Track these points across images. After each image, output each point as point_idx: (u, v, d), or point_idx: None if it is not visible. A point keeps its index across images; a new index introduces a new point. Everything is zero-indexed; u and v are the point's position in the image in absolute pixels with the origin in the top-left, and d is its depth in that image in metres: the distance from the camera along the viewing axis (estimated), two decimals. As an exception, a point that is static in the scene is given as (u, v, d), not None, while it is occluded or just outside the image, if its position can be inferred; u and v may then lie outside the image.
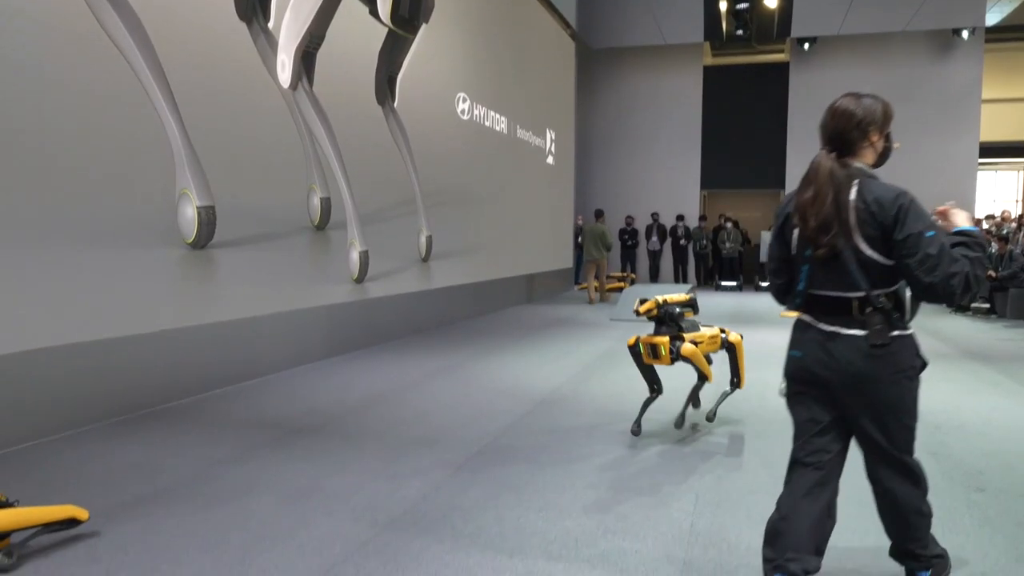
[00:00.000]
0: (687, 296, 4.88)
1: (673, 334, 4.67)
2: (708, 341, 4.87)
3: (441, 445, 4.62)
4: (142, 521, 3.42)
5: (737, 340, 5.08)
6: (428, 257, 10.22)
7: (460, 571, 2.88)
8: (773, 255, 2.67)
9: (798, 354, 2.56)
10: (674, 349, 4.58)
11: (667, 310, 4.65)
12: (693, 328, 4.80)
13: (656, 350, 4.65)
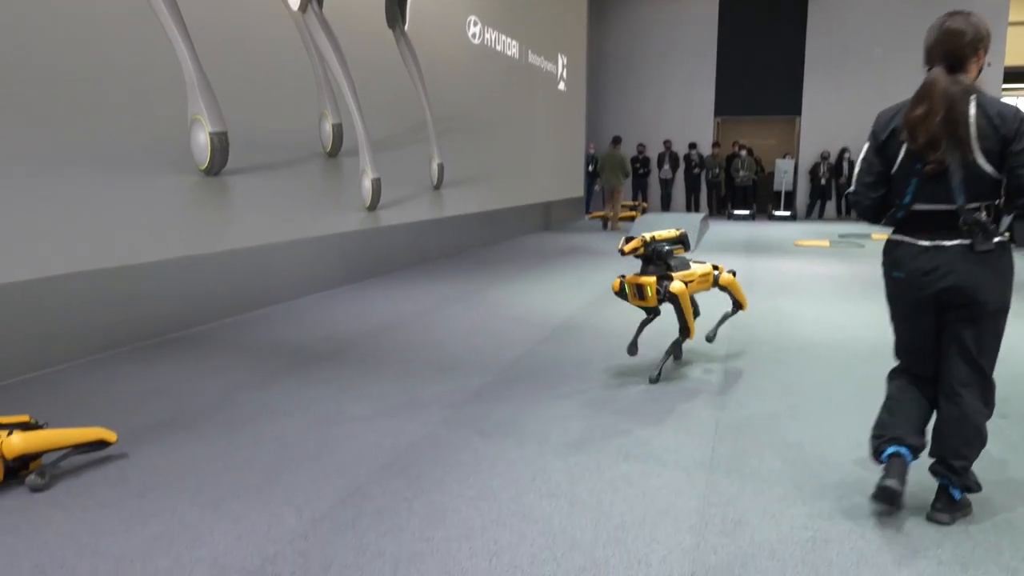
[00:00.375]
0: (676, 232, 4.58)
1: (661, 273, 4.38)
2: (699, 279, 4.60)
3: (458, 371, 4.64)
4: (168, 443, 3.46)
5: (730, 280, 4.82)
6: (440, 185, 10.12)
7: (483, 492, 2.91)
8: (872, 170, 2.72)
9: (899, 274, 2.70)
10: (661, 290, 4.33)
11: (655, 248, 4.33)
12: (683, 266, 4.51)
13: (642, 291, 4.37)
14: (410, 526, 2.64)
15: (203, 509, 2.79)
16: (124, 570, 2.37)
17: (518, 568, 2.36)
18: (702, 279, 4.62)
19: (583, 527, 2.63)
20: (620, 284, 4.44)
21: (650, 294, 4.33)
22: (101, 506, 2.83)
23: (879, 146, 2.69)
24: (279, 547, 2.50)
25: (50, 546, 2.53)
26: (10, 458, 2.95)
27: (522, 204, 13.50)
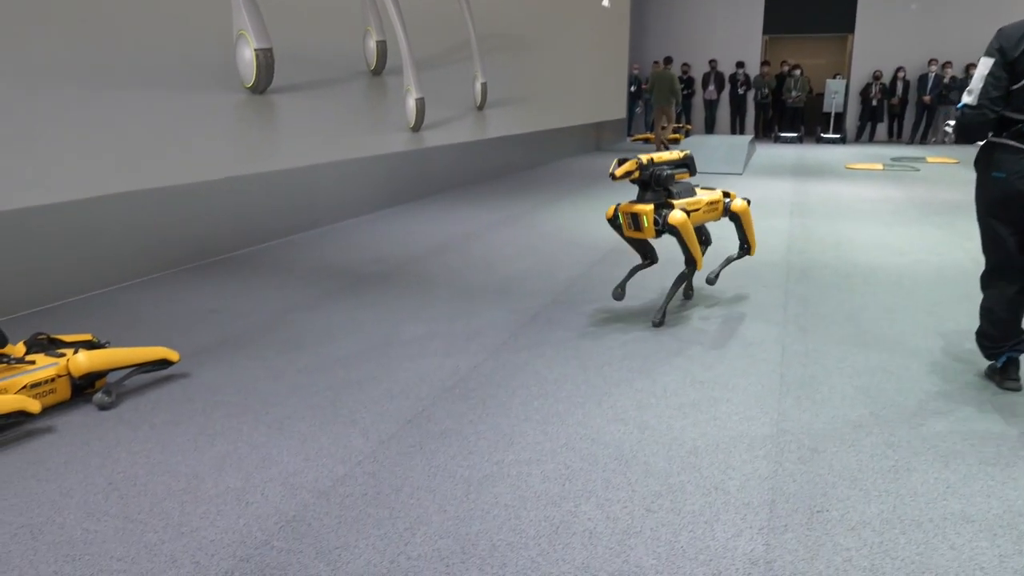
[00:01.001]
0: (680, 154, 4.08)
1: (660, 201, 3.87)
2: (706, 208, 4.04)
3: (512, 294, 4.57)
4: (228, 363, 3.45)
5: (743, 208, 4.20)
6: (483, 105, 9.90)
7: (549, 416, 2.86)
8: (999, 85, 2.82)
9: (1001, 175, 2.88)
10: (659, 219, 3.79)
11: (653, 172, 3.81)
12: (687, 193, 4.00)
13: (638, 220, 3.85)
14: (479, 449, 2.61)
15: (269, 429, 2.78)
16: (196, 488, 2.37)
17: (592, 493, 2.32)
18: (709, 208, 4.07)
19: (655, 452, 2.57)
20: (615, 212, 3.94)
21: (647, 224, 3.81)
22: (168, 424, 2.83)
23: (1009, 63, 2.80)
24: (348, 468, 2.48)
25: (121, 463, 2.54)
26: (77, 376, 2.96)
27: (565, 126, 13.20)
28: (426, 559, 2.00)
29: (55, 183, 4.37)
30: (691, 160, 4.11)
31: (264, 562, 1.99)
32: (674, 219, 3.76)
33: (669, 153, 4.00)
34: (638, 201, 3.89)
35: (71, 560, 2.01)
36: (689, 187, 4.05)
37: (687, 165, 4.09)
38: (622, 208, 3.90)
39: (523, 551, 2.03)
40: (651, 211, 3.80)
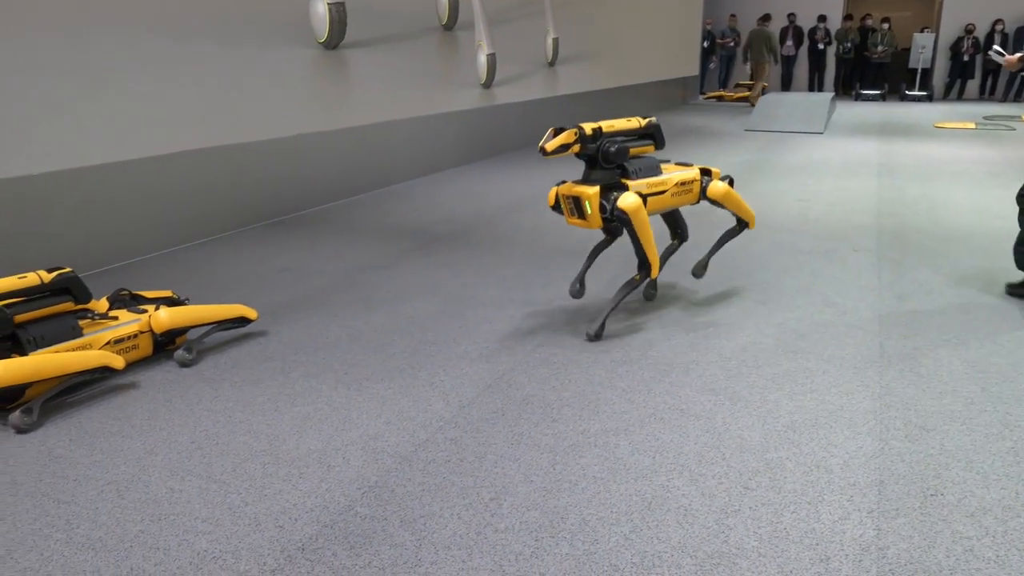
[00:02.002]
0: (643, 122, 3.27)
1: (610, 181, 3.09)
2: (675, 190, 3.25)
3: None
4: (304, 322, 3.42)
5: (723, 191, 3.38)
6: (555, 61, 9.66)
7: (635, 384, 2.74)
8: None
9: None
10: (607, 205, 3.03)
11: (601, 145, 3.02)
12: (649, 171, 3.20)
13: (579, 206, 3.08)
14: (563, 417, 2.51)
15: (348, 390, 2.73)
16: (278, 449, 2.33)
17: (684, 467, 2.20)
18: (680, 189, 3.28)
19: (749, 426, 2.44)
20: (555, 198, 3.19)
21: (590, 211, 3.04)
22: (248, 383, 2.81)
23: None
24: (429, 433, 2.42)
25: (203, 422, 2.52)
26: (159, 332, 2.96)
27: (636, 82, 12.85)
28: (514, 532, 1.92)
29: (130, 141, 4.38)
30: (656, 130, 3.33)
31: (348, 529, 1.94)
32: (624, 204, 2.98)
33: (627, 120, 3.22)
34: (583, 181, 3.10)
35: (157, 519, 1.99)
36: (652, 164, 3.24)
37: (652, 136, 3.32)
38: (561, 190, 3.12)
39: (615, 527, 1.93)
40: (596, 194, 3.01)
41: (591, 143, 3.01)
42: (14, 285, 2.62)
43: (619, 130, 3.15)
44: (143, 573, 1.79)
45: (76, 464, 2.27)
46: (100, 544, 1.90)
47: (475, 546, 1.87)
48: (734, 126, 11.45)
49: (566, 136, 2.92)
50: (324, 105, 5.84)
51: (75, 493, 2.12)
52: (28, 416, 2.47)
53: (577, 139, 2.94)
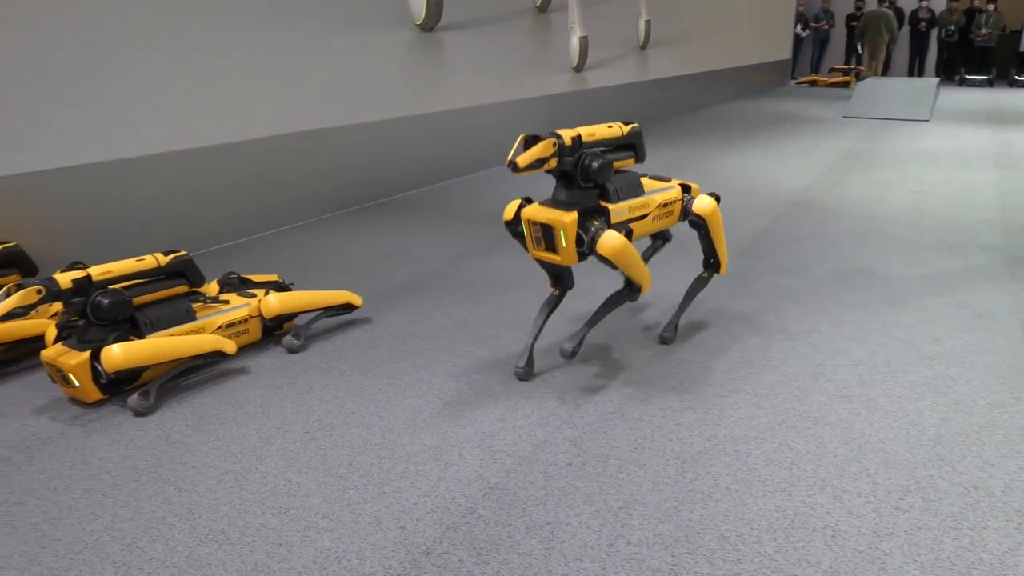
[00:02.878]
0: (625, 129, 2.65)
1: (588, 206, 2.48)
2: (657, 213, 2.71)
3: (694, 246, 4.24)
4: (409, 310, 3.37)
5: (709, 208, 2.81)
6: (646, 44, 9.42)
7: (760, 388, 2.59)
8: None
9: None
10: (585, 236, 2.42)
11: (582, 158, 2.42)
12: (631, 190, 2.62)
13: (550, 236, 2.45)
14: (686, 421, 2.38)
15: (458, 383, 2.66)
16: (392, 444, 2.27)
17: (826, 482, 2.05)
18: (662, 212, 2.74)
19: (892, 439, 2.26)
20: (515, 214, 2.56)
21: (565, 244, 2.42)
22: (357, 372, 2.77)
23: None
24: (548, 433, 2.32)
25: (316, 411, 2.48)
26: (268, 318, 2.94)
27: (728, 67, 12.47)
28: (648, 545, 1.80)
29: (232, 124, 4.40)
30: (639, 138, 2.72)
31: (473, 533, 1.86)
32: (605, 246, 2.39)
33: (608, 127, 2.58)
34: (556, 203, 2.47)
35: (277, 513, 1.95)
36: (634, 181, 2.66)
37: (633, 147, 2.72)
38: (526, 213, 2.49)
39: (757, 546, 1.80)
40: (574, 223, 2.40)
41: (569, 156, 2.39)
42: (132, 268, 2.63)
43: (600, 139, 2.53)
44: (267, 569, 1.74)
45: (194, 451, 2.26)
46: (223, 537, 1.86)
47: (608, 559, 1.76)
48: (831, 113, 10.99)
49: (543, 148, 2.30)
50: (419, 88, 5.79)
51: (195, 481, 2.10)
52: (146, 399, 2.47)
53: (555, 152, 2.33)
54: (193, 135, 4.17)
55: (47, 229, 3.56)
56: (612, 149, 2.62)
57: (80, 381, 2.45)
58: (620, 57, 8.84)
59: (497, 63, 6.67)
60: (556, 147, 2.33)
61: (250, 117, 4.47)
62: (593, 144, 2.49)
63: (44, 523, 1.93)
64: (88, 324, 2.51)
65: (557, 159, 2.36)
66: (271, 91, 4.58)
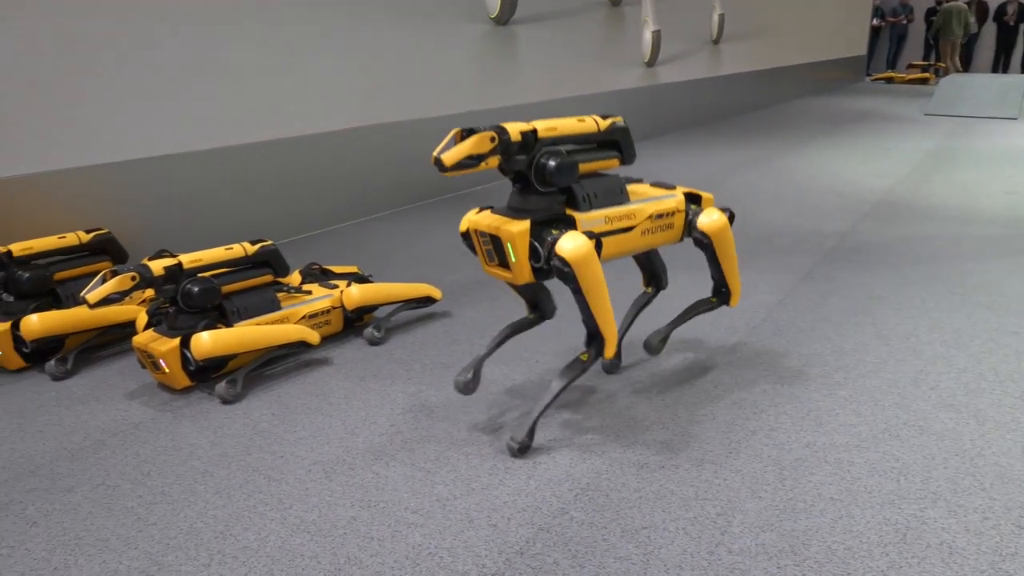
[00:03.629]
0: (603, 122, 2.21)
1: (547, 214, 2.07)
2: (647, 226, 2.23)
3: (774, 246, 4.14)
4: (487, 304, 3.34)
5: (718, 226, 2.33)
6: (719, 39, 9.23)
7: (857, 393, 2.48)
8: None
9: None
10: (542, 249, 2.01)
11: (536, 158, 2.02)
12: (611, 197, 2.17)
13: (500, 248, 2.07)
14: (781, 426, 2.29)
15: (542, 381, 2.61)
16: (478, 439, 2.24)
17: (938, 496, 1.94)
18: (655, 224, 2.25)
19: (1007, 452, 2.13)
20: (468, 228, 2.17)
21: (515, 258, 2.03)
22: (439, 366, 2.74)
23: None
24: (636, 434, 2.25)
25: (399, 404, 2.46)
26: (350, 309, 2.93)
27: (802, 62, 12.16)
28: (751, 555, 1.73)
29: (309, 116, 4.43)
30: (623, 133, 2.26)
31: (566, 535, 1.81)
32: (564, 249, 1.96)
33: (578, 120, 2.17)
34: (508, 209, 2.10)
35: (367, 506, 1.93)
36: (613, 186, 2.20)
37: (616, 145, 2.27)
38: (474, 223, 2.12)
39: (868, 560, 1.71)
40: (523, 233, 2.00)
41: (520, 154, 2.00)
42: (221, 256, 2.65)
43: (565, 135, 2.10)
44: (360, 563, 1.72)
45: (281, 440, 2.26)
46: (314, 528, 1.85)
47: (709, 568, 1.69)
48: (911, 110, 10.62)
49: (475, 142, 1.90)
50: (493, 82, 5.76)
51: (283, 471, 2.09)
52: (233, 387, 2.49)
53: (496, 147, 1.94)
54: (275, 127, 4.21)
55: (135, 217, 3.63)
56: (588, 148, 2.21)
57: (170, 367, 2.48)
58: (693, 52, 8.68)
59: (570, 57, 6.60)
60: (495, 143, 1.93)
61: (329, 110, 4.50)
62: (555, 140, 2.07)
63: (139, 507, 1.94)
64: (178, 311, 2.54)
65: (501, 157, 1.97)
66: (350, 84, 4.60)
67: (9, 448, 2.24)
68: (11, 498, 1.99)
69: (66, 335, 2.73)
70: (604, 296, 2.06)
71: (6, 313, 2.72)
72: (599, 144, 2.24)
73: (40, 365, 2.77)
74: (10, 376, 2.72)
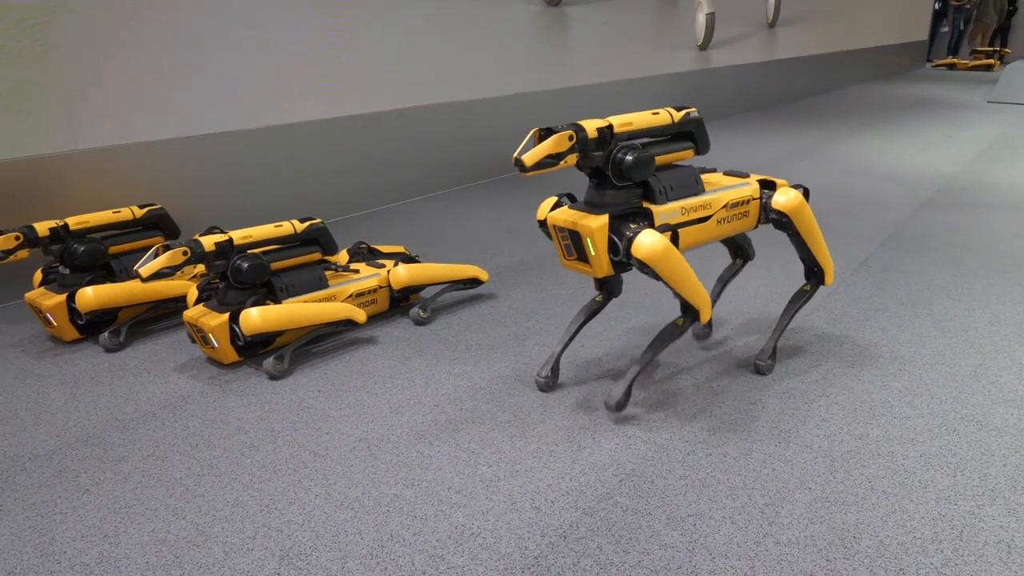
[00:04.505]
0: (675, 115, 2.22)
1: (625, 208, 2.09)
2: (723, 215, 2.26)
3: (832, 234, 4.03)
4: (534, 287, 3.32)
5: (795, 204, 2.30)
6: (775, 22, 9.03)
7: (913, 386, 2.41)
8: None
9: None
10: (621, 243, 2.04)
11: (613, 152, 2.03)
12: (687, 189, 2.19)
13: (579, 243, 2.10)
14: (833, 417, 2.23)
15: (588, 366, 2.58)
16: (523, 422, 2.22)
17: (996, 493, 1.87)
18: (731, 213, 2.28)
19: (1071, 450, 2.05)
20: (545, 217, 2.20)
21: (594, 252, 2.07)
22: (484, 347, 2.73)
23: None
24: (684, 421, 2.22)
25: (444, 385, 2.46)
26: (396, 289, 2.94)
27: (860, 47, 11.83)
28: (799, 546, 1.69)
29: (361, 96, 4.43)
30: (697, 125, 2.28)
31: (611, 520, 1.78)
32: (640, 248, 1.99)
33: (652, 114, 2.17)
34: (586, 205, 2.12)
35: (410, 485, 1.93)
36: (689, 177, 2.22)
37: (691, 136, 2.29)
38: (552, 218, 2.15)
39: (922, 557, 1.65)
40: (602, 228, 2.04)
41: (597, 150, 2.03)
42: (271, 233, 2.67)
43: (640, 129, 2.13)
44: (403, 541, 1.72)
45: (326, 416, 2.27)
46: (358, 504, 1.86)
47: (756, 558, 1.65)
48: (974, 97, 10.28)
49: (554, 142, 1.93)
50: (544, 63, 5.71)
51: (329, 447, 2.11)
52: (280, 363, 2.51)
53: (574, 145, 1.97)
54: (324, 106, 4.23)
55: (186, 194, 3.69)
56: (662, 140, 2.24)
57: (219, 342, 2.51)
58: (747, 35, 8.50)
59: (622, 39, 6.51)
60: (573, 141, 1.97)
61: (381, 90, 4.51)
62: (630, 135, 2.10)
63: (187, 478, 1.97)
64: (228, 287, 2.57)
65: (579, 154, 2.00)
66: (402, 65, 4.60)
67: (64, 417, 2.29)
68: (64, 466, 2.04)
69: (119, 308, 2.78)
70: (688, 277, 2.10)
71: (62, 286, 2.78)
72: (673, 136, 2.26)
73: (94, 337, 2.83)
74: (65, 347, 2.78)
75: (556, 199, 2.22)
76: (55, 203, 3.23)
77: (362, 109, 4.42)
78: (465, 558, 1.67)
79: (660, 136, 2.23)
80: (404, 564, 1.65)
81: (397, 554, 1.68)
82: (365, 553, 1.69)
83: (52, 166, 3.21)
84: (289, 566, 1.65)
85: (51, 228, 2.79)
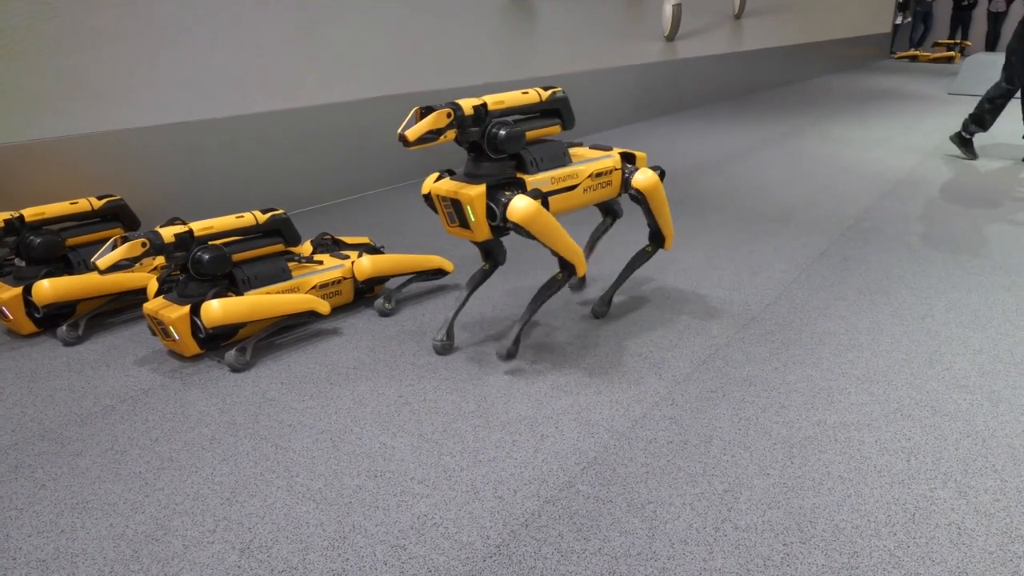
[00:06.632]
0: (544, 93, 2.50)
1: (502, 178, 2.35)
2: (589, 184, 2.53)
3: (793, 224, 4.09)
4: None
5: (651, 183, 2.61)
6: (742, 13, 9.09)
7: (870, 373, 2.45)
8: None
9: None
10: (498, 209, 2.29)
11: (488, 128, 2.29)
12: (555, 160, 2.47)
13: (460, 210, 2.34)
14: (792, 404, 2.27)
15: (553, 355, 2.60)
16: (486, 412, 2.23)
17: (948, 476, 1.92)
18: (596, 183, 2.55)
19: (1020, 434, 2.10)
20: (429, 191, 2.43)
21: (474, 218, 2.31)
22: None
23: None
24: (646, 409, 2.24)
25: (409, 376, 2.46)
26: (360, 280, 2.93)
27: (825, 39, 11.96)
28: (756, 531, 1.72)
29: (324, 87, 4.40)
30: (564, 104, 2.55)
31: (571, 507, 1.80)
32: (515, 212, 2.24)
33: (522, 93, 2.44)
34: (465, 176, 2.36)
35: (373, 476, 1.93)
36: (558, 150, 2.48)
37: (557, 113, 2.55)
38: (435, 189, 2.37)
39: (875, 539, 1.69)
40: (480, 196, 2.27)
41: (473, 126, 2.27)
42: (232, 224, 2.64)
43: (512, 107, 2.39)
44: (365, 532, 1.72)
45: (289, 409, 2.26)
46: (320, 496, 1.85)
47: (715, 543, 1.68)
48: (935, 89, 10.45)
49: (434, 119, 2.16)
50: (510, 55, 5.70)
51: (291, 439, 2.10)
52: (242, 355, 2.49)
53: (452, 122, 2.20)
54: (290, 96, 4.18)
55: (147, 185, 3.63)
56: (532, 117, 2.49)
57: (180, 334, 2.48)
58: (714, 26, 8.56)
59: (589, 30, 6.52)
60: (452, 118, 2.20)
61: (345, 80, 4.47)
62: (503, 112, 2.36)
63: (147, 472, 1.96)
64: (188, 279, 2.54)
65: (457, 130, 2.24)
66: (367, 55, 4.56)
67: (20, 412, 2.26)
68: (21, 461, 2.01)
69: (77, 301, 2.74)
70: (561, 235, 2.38)
71: (18, 278, 2.73)
72: (542, 113, 2.52)
73: (51, 330, 2.78)
74: (22, 341, 2.74)
75: (438, 174, 2.43)
76: (10, 194, 3.17)
77: (327, 99, 4.39)
78: (427, 548, 1.67)
79: (530, 113, 2.48)
80: (366, 555, 1.65)
81: (359, 545, 1.68)
82: (327, 545, 1.69)
83: (6, 156, 3.15)
84: (250, 559, 1.64)
85: (6, 219, 2.73)
